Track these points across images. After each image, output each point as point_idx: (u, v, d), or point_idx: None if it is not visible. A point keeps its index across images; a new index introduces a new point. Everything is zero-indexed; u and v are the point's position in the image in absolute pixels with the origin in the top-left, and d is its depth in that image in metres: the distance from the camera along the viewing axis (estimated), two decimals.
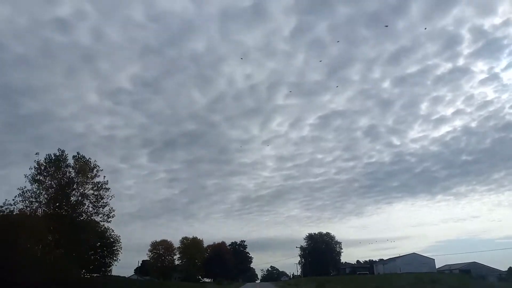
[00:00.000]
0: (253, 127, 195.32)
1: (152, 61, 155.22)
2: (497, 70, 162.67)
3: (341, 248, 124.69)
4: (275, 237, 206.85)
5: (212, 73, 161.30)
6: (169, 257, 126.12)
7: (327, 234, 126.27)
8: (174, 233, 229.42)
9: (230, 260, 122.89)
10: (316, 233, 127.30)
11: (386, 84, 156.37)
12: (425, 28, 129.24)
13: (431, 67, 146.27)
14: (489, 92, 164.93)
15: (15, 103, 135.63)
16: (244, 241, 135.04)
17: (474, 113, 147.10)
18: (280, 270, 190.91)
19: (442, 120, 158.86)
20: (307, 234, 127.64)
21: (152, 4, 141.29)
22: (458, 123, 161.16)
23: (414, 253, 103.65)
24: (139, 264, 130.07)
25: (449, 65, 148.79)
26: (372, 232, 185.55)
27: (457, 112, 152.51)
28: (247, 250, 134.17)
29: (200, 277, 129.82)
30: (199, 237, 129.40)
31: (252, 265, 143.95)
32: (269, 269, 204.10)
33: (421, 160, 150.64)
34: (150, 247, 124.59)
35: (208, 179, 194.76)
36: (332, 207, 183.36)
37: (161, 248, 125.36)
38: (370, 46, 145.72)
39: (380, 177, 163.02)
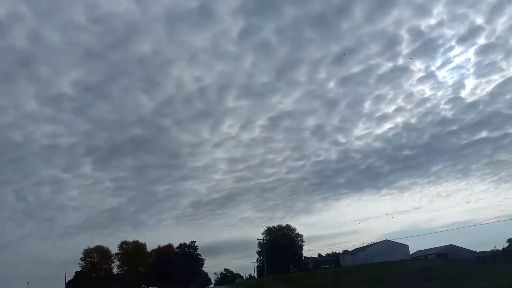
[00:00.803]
0: (203, 130, 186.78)
1: (95, 65, 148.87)
2: (433, 68, 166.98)
3: (303, 242, 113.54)
4: (228, 240, 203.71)
5: (159, 76, 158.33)
6: (106, 265, 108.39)
7: (287, 226, 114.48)
8: None
9: (179, 264, 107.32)
10: (275, 226, 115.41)
11: (331, 84, 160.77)
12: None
13: (373, 66, 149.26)
14: (426, 89, 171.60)
15: None
16: (194, 241, 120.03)
17: (414, 110, 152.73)
18: (235, 272, 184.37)
19: (384, 118, 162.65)
20: (266, 228, 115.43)
21: (94, 5, 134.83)
22: (399, 119, 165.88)
23: (386, 240, 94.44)
24: (72, 277, 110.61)
25: (390, 65, 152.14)
26: (322, 228, 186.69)
27: (398, 109, 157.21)
28: (198, 252, 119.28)
29: (145, 286, 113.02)
30: (142, 240, 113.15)
31: (205, 269, 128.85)
32: (223, 272, 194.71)
33: (366, 156, 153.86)
34: (82, 255, 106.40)
35: (158, 186, 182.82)
36: (283, 206, 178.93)
37: (96, 256, 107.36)
38: (315, 47, 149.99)
39: (327, 175, 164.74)
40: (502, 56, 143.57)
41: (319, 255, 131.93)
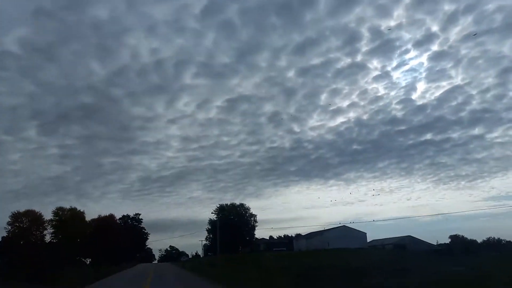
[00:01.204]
0: (158, 105, 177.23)
1: (46, 25, 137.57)
2: (388, 68, 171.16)
3: (256, 222, 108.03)
4: (175, 218, 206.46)
5: (114, 44, 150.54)
6: (38, 232, 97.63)
7: (241, 205, 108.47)
8: None
9: (120, 237, 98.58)
10: (228, 204, 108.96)
11: (291, 73, 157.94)
12: (389, 29, 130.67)
13: (332, 60, 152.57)
14: (380, 88, 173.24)
15: None
16: (139, 214, 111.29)
17: (367, 106, 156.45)
18: (180, 250, 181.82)
19: (338, 111, 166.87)
20: (218, 206, 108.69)
21: None
22: (352, 115, 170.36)
23: (344, 225, 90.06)
24: None
25: (348, 60, 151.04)
26: (270, 213, 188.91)
27: (352, 105, 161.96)
28: (142, 225, 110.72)
29: (81, 258, 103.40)
30: (81, 209, 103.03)
31: (149, 245, 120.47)
32: (168, 249, 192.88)
33: (317, 147, 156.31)
34: (9, 220, 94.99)
35: (105, 157, 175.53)
36: (234, 189, 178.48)
37: (26, 221, 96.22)
38: (278, 34, 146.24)
39: (279, 162, 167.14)
40: (452, 64, 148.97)
41: (271, 237, 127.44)
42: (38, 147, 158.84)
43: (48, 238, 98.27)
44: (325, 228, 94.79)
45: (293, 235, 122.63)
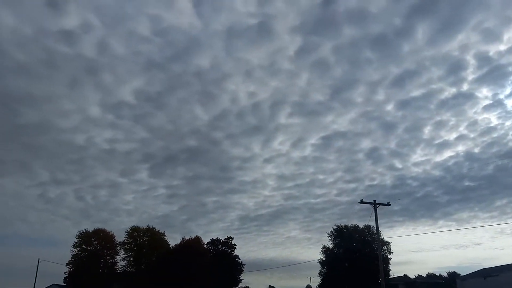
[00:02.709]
0: (254, 145, 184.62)
1: (156, 76, 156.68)
2: (501, 96, 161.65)
3: (390, 251, 76.94)
4: (273, 258, 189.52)
5: (215, 89, 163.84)
6: (108, 257, 78.19)
7: (367, 228, 78.59)
8: None
9: (207, 264, 74.69)
10: (350, 226, 79.77)
11: (389, 107, 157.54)
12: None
13: (435, 91, 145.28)
14: (493, 118, 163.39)
15: (13, 111, 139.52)
16: (231, 238, 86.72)
17: (477, 139, 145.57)
18: None
19: (445, 145, 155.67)
20: (334, 227, 79.99)
21: (158, 19, 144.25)
22: (461, 148, 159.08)
23: None
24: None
25: (453, 90, 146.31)
26: None
27: (460, 137, 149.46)
28: (235, 252, 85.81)
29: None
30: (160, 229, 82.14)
31: (244, 280, 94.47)
32: None
33: (423, 184, 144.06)
34: (76, 240, 76.87)
35: (208, 197, 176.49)
36: (326, 235, 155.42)
37: (94, 242, 77.45)
38: (374, 68, 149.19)
39: (381, 201, 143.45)
40: None
41: (405, 275, 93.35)
42: (149, 188, 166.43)
43: (120, 264, 78.28)
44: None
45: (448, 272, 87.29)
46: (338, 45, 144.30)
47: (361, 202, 41.86)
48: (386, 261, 75.25)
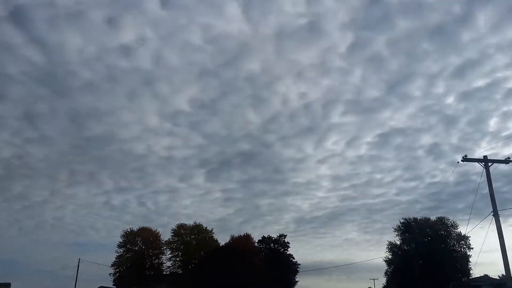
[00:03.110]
0: (307, 146, 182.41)
1: (209, 83, 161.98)
2: None
3: (470, 247, 65.90)
4: (331, 261, 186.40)
5: (267, 93, 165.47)
6: (154, 257, 73.71)
7: (440, 220, 68.14)
8: None
9: (257, 264, 67.84)
10: (419, 218, 69.72)
11: (450, 100, 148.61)
12: None
13: (500, 80, 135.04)
14: None
15: (81, 126, 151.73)
16: (285, 235, 79.31)
17: None
18: None
19: None
20: (402, 221, 70.30)
21: (209, 27, 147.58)
22: None
23: None
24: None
25: None
26: None
27: None
28: (289, 251, 78.14)
29: None
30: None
31: (299, 282, 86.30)
32: None
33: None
34: (121, 240, 73.13)
35: (262, 199, 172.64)
36: (391, 230, 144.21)
37: (139, 241, 73.25)
38: (432, 60, 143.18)
39: (443, 198, 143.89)
40: None
41: (486, 275, 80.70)
42: (205, 192, 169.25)
43: (166, 264, 73.60)
44: None
45: None
46: (392, 38, 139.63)
47: (465, 159, 31.91)
48: (465, 258, 64.40)
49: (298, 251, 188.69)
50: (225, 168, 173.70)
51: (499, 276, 73.18)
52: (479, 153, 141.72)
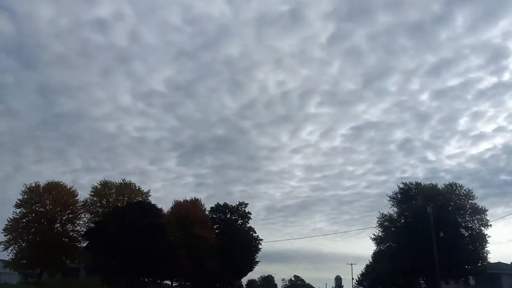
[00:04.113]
0: (282, 135, 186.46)
1: (186, 65, 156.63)
2: None
3: (488, 224, 49.65)
4: (299, 250, 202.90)
5: (245, 78, 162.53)
6: (67, 222, 54.05)
7: (451, 186, 51.69)
8: None
9: (205, 236, 49.82)
10: (423, 184, 53.73)
11: (424, 97, 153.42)
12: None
13: (473, 80, 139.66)
14: None
15: (50, 101, 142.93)
16: (246, 204, 61.41)
17: None
18: (306, 281, 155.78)
19: (481, 137, 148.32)
20: (401, 186, 54.08)
21: (190, 7, 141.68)
22: (499, 140, 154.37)
23: None
24: None
25: (493, 79, 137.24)
26: None
27: (499, 129, 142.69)
28: (249, 224, 60.13)
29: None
30: None
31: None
32: (293, 279, 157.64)
33: (457, 177, 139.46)
34: (20, 198, 52.39)
35: (235, 186, 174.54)
36: (360, 222, 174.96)
37: (47, 200, 53.04)
38: (409, 56, 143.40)
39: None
40: None
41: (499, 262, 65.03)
42: (177, 176, 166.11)
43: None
44: None
45: None
46: (372, 32, 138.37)
47: None
48: (482, 238, 48.02)
49: (267, 239, 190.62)
50: (198, 153, 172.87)
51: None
52: (448, 151, 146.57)
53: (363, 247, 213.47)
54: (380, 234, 53.07)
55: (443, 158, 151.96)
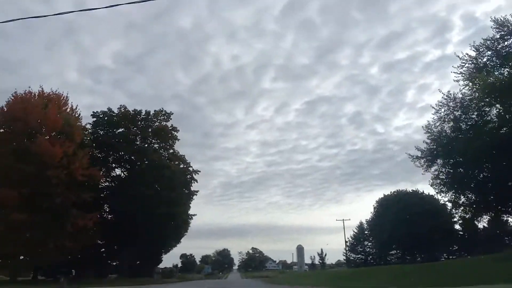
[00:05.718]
0: (238, 111, 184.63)
1: (136, 37, 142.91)
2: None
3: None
4: (255, 224, 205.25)
5: (198, 52, 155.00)
6: None
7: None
8: None
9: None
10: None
11: (374, 70, 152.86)
12: None
13: (420, 53, 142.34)
14: None
15: None
16: (171, 114, 36.96)
17: None
18: (264, 254, 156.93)
19: (427, 109, 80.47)
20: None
21: None
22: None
23: None
24: None
25: (438, 52, 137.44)
26: (352, 220, 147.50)
27: None
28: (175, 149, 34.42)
29: None
30: None
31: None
32: (250, 251, 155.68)
33: (405, 148, 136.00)
34: None
35: (191, 164, 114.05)
36: (313, 194, 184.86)
37: None
38: (361, 29, 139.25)
39: (362, 165, 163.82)
40: None
41: None
42: None
43: None
44: None
45: None
46: (325, 3, 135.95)
47: None
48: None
49: (224, 215, 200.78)
50: None
51: None
52: (396, 123, 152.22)
53: (316, 218, 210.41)
54: (430, 146, 28.15)
55: (391, 130, 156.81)
